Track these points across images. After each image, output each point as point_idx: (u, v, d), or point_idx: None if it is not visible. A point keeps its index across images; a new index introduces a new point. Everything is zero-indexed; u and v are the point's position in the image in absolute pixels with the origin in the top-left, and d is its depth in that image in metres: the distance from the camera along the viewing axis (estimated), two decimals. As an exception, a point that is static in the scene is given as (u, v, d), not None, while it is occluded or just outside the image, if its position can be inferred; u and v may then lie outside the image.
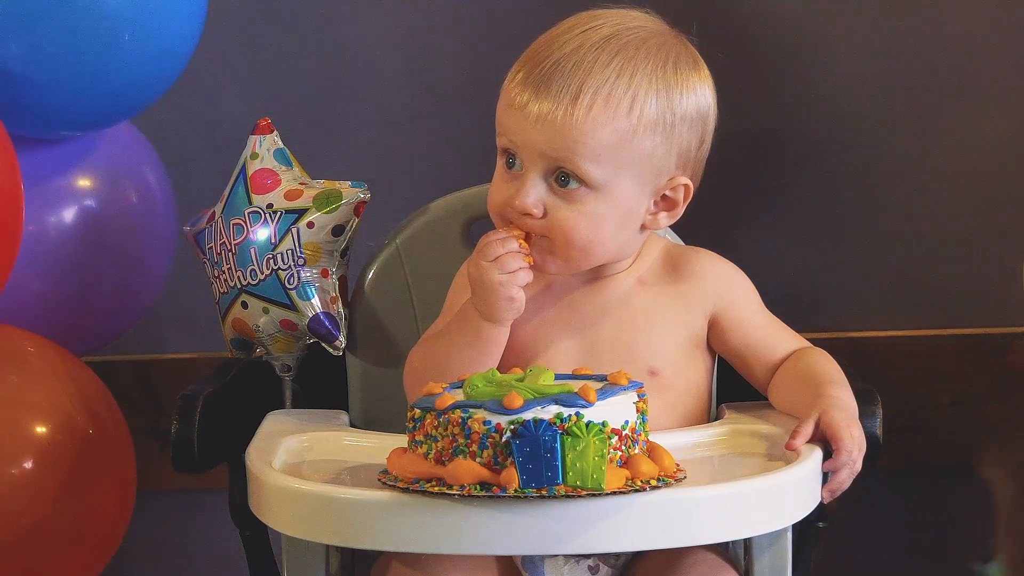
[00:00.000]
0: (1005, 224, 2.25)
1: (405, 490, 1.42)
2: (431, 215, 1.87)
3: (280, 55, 2.27)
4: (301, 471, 1.56)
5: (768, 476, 1.47)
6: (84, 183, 2.01)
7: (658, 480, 1.42)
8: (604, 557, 1.58)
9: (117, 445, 1.94)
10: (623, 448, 1.41)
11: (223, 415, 1.73)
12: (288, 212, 1.80)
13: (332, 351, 1.82)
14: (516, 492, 1.38)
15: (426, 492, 1.40)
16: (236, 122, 1.99)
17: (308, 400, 1.85)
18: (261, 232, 1.80)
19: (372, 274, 1.86)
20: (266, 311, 1.80)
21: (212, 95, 2.26)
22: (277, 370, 1.85)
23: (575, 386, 1.43)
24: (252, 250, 1.80)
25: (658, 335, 1.66)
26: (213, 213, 1.84)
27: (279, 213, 1.80)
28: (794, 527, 1.54)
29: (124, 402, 2.03)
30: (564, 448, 1.38)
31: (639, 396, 1.45)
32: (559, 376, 1.49)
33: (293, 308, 1.79)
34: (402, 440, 1.48)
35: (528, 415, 1.39)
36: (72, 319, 2.00)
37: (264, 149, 1.84)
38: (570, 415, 1.39)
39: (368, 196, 1.82)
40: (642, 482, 1.41)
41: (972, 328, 2.26)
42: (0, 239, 1.77)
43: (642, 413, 1.44)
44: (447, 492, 1.39)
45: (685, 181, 1.65)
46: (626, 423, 1.42)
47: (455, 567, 1.53)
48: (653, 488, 1.41)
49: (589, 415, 1.39)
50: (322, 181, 1.83)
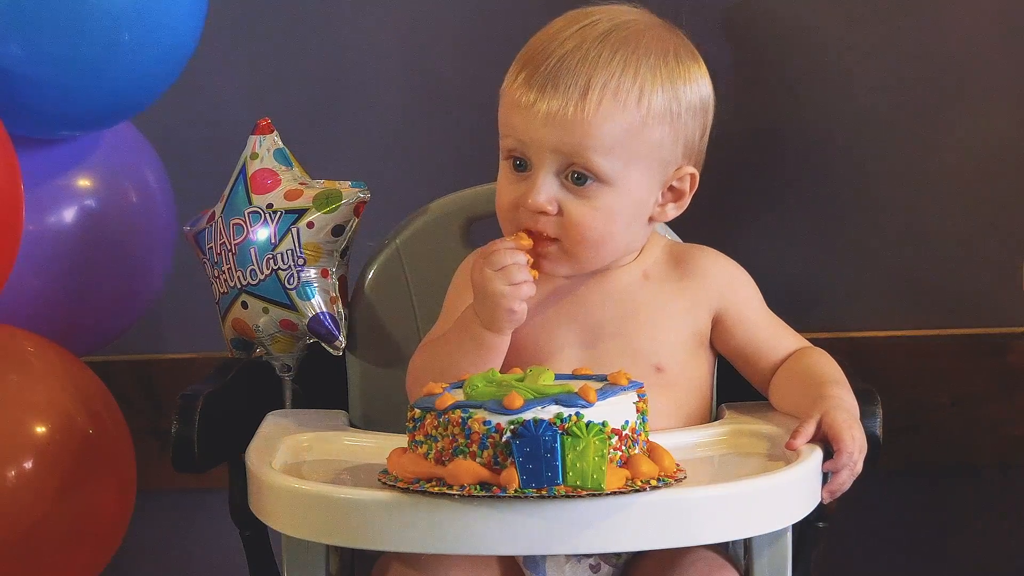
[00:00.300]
0: (1005, 224, 2.24)
1: (405, 490, 1.42)
2: (431, 215, 1.87)
3: (280, 55, 2.27)
4: (301, 471, 1.56)
5: (768, 476, 1.47)
6: (84, 183, 2.01)
7: (658, 480, 1.42)
8: (605, 556, 1.58)
9: (117, 445, 1.94)
10: (623, 448, 1.41)
11: (223, 415, 1.73)
12: (288, 212, 1.80)
13: (332, 351, 1.82)
14: (516, 492, 1.38)
15: (426, 492, 1.40)
16: (236, 122, 1.99)
17: (308, 400, 1.85)
18: (261, 232, 1.80)
19: (372, 274, 1.86)
20: (266, 311, 1.80)
21: (212, 95, 2.26)
22: (277, 370, 1.85)
23: (575, 386, 1.43)
24: (252, 250, 1.80)
25: (664, 331, 1.66)
26: (213, 213, 1.84)
27: (279, 213, 1.80)
28: (794, 527, 1.54)
29: (124, 402, 2.03)
30: (564, 448, 1.38)
31: (639, 396, 1.45)
32: (559, 376, 1.49)
33: (293, 308, 1.79)
34: (402, 440, 1.48)
35: (528, 415, 1.39)
36: (72, 319, 2.00)
37: (264, 149, 1.84)
38: (570, 415, 1.39)
39: (368, 196, 1.82)
40: (642, 482, 1.41)
41: (972, 328, 2.26)
42: (0, 239, 1.77)
43: (642, 413, 1.44)
44: (447, 492, 1.39)
45: (692, 170, 1.66)
46: (626, 423, 1.42)
47: (456, 566, 1.53)
48: (653, 488, 1.41)
49: (589, 415, 1.39)
50: (322, 181, 1.83)
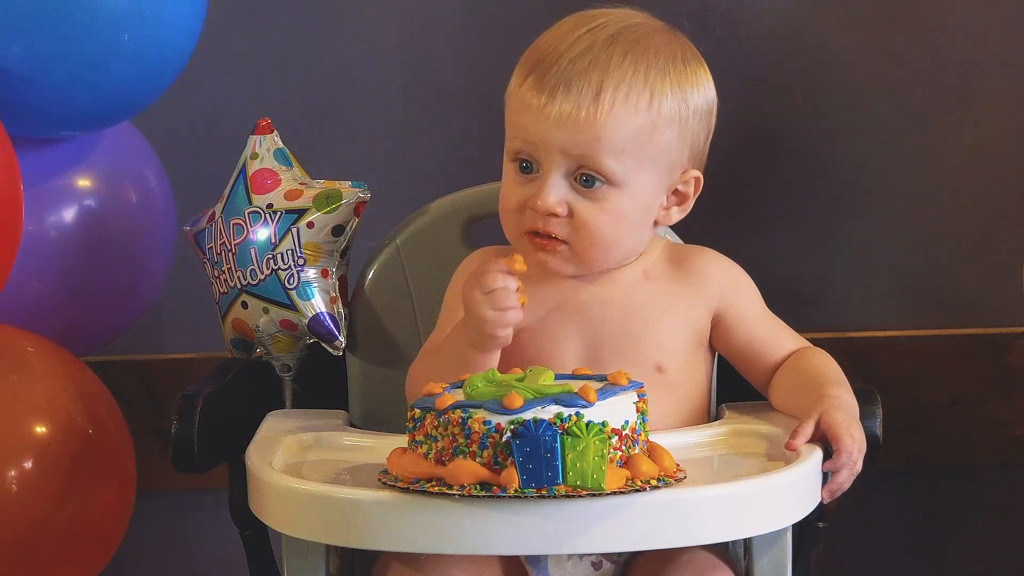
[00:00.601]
0: (1005, 224, 2.25)
1: (405, 490, 1.42)
2: (431, 215, 1.87)
3: (280, 55, 2.27)
4: (301, 471, 1.56)
5: (768, 476, 1.47)
6: (84, 183, 2.01)
7: (658, 480, 1.42)
8: (607, 553, 1.58)
9: (117, 445, 1.93)
10: (623, 448, 1.41)
11: (223, 415, 1.73)
12: (288, 212, 1.80)
13: (332, 351, 1.82)
14: (516, 492, 1.38)
15: (426, 492, 1.40)
16: (236, 122, 1.99)
17: (308, 400, 1.85)
18: (261, 232, 1.80)
19: (372, 274, 1.86)
20: (266, 311, 1.80)
21: (212, 95, 2.26)
22: (277, 370, 1.85)
23: (575, 386, 1.43)
24: (252, 250, 1.80)
25: (664, 331, 1.66)
26: (213, 213, 1.84)
27: (279, 213, 1.80)
28: (794, 527, 1.54)
29: (124, 402, 2.02)
30: (564, 448, 1.38)
31: (639, 396, 1.45)
32: (559, 376, 1.49)
33: (293, 308, 1.79)
34: (402, 440, 1.48)
35: (528, 415, 1.39)
36: (72, 319, 2.00)
37: (264, 149, 1.84)
38: (570, 415, 1.39)
39: (368, 196, 1.82)
40: (642, 482, 1.41)
41: (972, 328, 2.26)
42: (0, 239, 1.77)
43: (642, 413, 1.44)
44: (447, 492, 1.39)
45: (697, 174, 1.66)
46: (626, 423, 1.42)
47: (458, 566, 1.53)
48: (653, 488, 1.41)
49: (589, 415, 1.39)
50: (322, 181, 1.83)
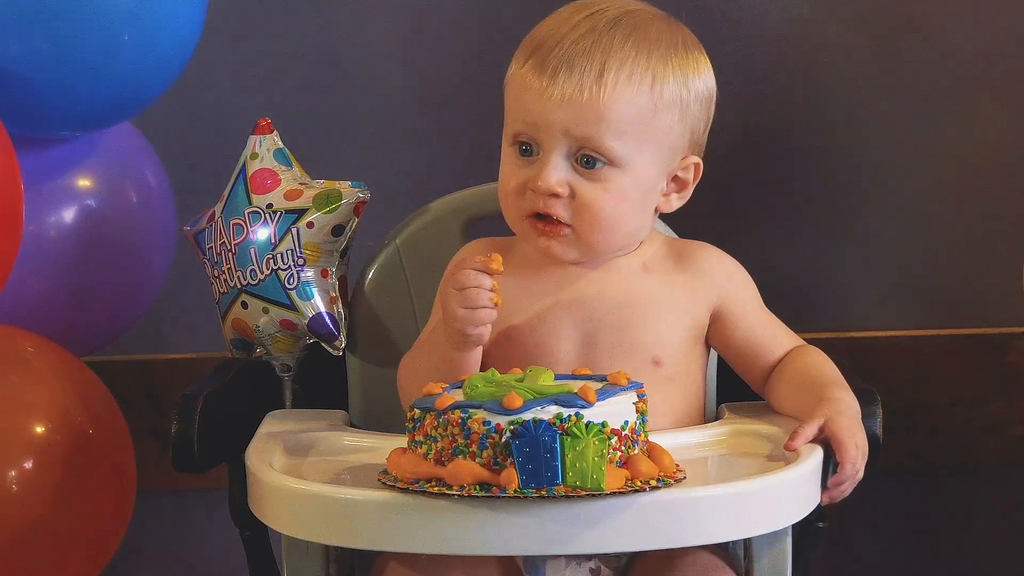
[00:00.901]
0: (1005, 224, 2.25)
1: (405, 490, 1.42)
2: (431, 215, 1.87)
3: (280, 55, 2.27)
4: (301, 471, 1.56)
5: (768, 476, 1.47)
6: (84, 183, 2.01)
7: (658, 480, 1.42)
8: (605, 559, 1.57)
9: (117, 445, 1.93)
10: (623, 448, 1.41)
11: (223, 415, 1.73)
12: (288, 212, 1.80)
13: (332, 351, 1.82)
14: (516, 492, 1.38)
15: (426, 492, 1.40)
16: (236, 122, 1.99)
17: (308, 400, 1.85)
18: (261, 232, 1.80)
19: (372, 274, 1.86)
20: (266, 311, 1.80)
21: (212, 95, 2.26)
22: (277, 370, 1.85)
23: (575, 386, 1.43)
24: (252, 250, 1.80)
25: (662, 324, 1.66)
26: (213, 213, 1.84)
27: (279, 213, 1.80)
28: (794, 527, 1.54)
29: (124, 402, 2.02)
30: (564, 448, 1.38)
31: (639, 396, 1.45)
32: (559, 376, 1.49)
33: (293, 308, 1.79)
34: (402, 440, 1.48)
35: (528, 415, 1.39)
36: (72, 319, 2.00)
37: (264, 149, 1.84)
38: (570, 415, 1.39)
39: (368, 196, 1.82)
40: (642, 482, 1.41)
41: (972, 328, 2.26)
42: (0, 239, 1.77)
43: (642, 414, 1.44)
44: (447, 492, 1.40)
45: (697, 160, 1.67)
46: (626, 423, 1.42)
47: (455, 567, 1.53)
48: (653, 488, 1.41)
49: (589, 415, 1.39)
50: (322, 181, 1.83)
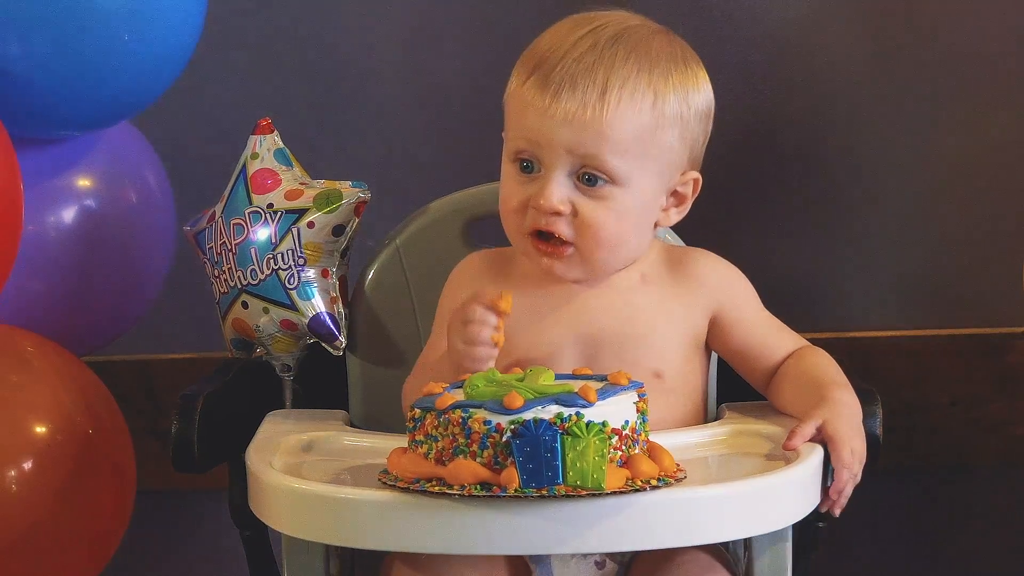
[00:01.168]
0: (1005, 224, 2.25)
1: (405, 490, 1.42)
2: (431, 215, 1.87)
3: (280, 55, 2.27)
4: (301, 471, 1.55)
5: (768, 476, 1.47)
6: (84, 183, 2.01)
7: (658, 480, 1.42)
8: (610, 553, 1.58)
9: (117, 445, 1.93)
10: (623, 448, 1.41)
11: (223, 415, 1.73)
12: (288, 212, 1.80)
13: (332, 351, 1.82)
14: (516, 492, 1.38)
15: (426, 492, 1.40)
16: (236, 122, 1.99)
17: (308, 400, 1.85)
18: (261, 232, 1.80)
19: (372, 274, 1.86)
20: (266, 311, 1.80)
21: (212, 95, 2.26)
22: (277, 370, 1.85)
23: (575, 386, 1.43)
24: (252, 250, 1.80)
25: (662, 337, 1.66)
26: (213, 213, 1.84)
27: (279, 213, 1.80)
28: (794, 527, 1.54)
29: (124, 402, 2.02)
30: (564, 448, 1.38)
31: (639, 396, 1.45)
32: (559, 376, 1.49)
33: (293, 308, 1.79)
34: (402, 440, 1.48)
35: (528, 415, 1.39)
36: (72, 319, 2.00)
37: (264, 149, 1.84)
38: (570, 415, 1.39)
39: (368, 196, 1.82)
40: (642, 482, 1.41)
41: (972, 328, 2.26)
42: (0, 239, 1.77)
43: (642, 413, 1.44)
44: (447, 492, 1.39)
45: (696, 175, 1.67)
46: (626, 423, 1.42)
47: (464, 565, 1.52)
48: (653, 488, 1.41)
49: (589, 415, 1.39)
50: (322, 181, 1.83)
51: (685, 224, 1.73)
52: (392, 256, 1.86)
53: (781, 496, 1.47)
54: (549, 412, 1.39)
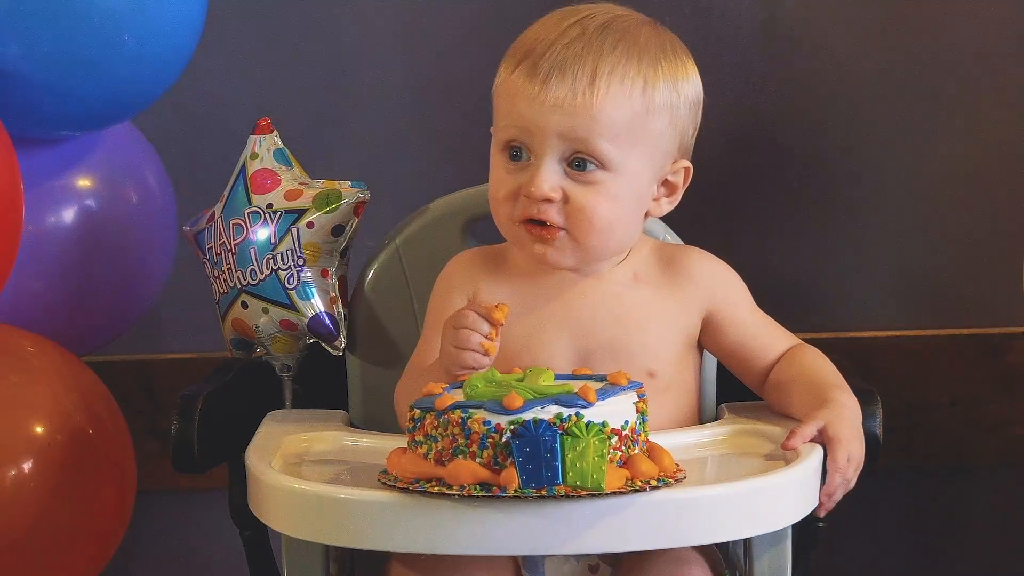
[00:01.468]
0: (1005, 224, 2.25)
1: (405, 490, 1.42)
2: (431, 215, 1.87)
3: (280, 54, 2.27)
4: (301, 471, 1.56)
5: (767, 476, 1.47)
6: (84, 183, 2.01)
7: (658, 480, 1.42)
8: (604, 556, 1.58)
9: (117, 445, 1.93)
10: (623, 448, 1.41)
11: (223, 415, 1.73)
12: (288, 212, 1.80)
13: (332, 351, 1.82)
14: (516, 492, 1.38)
15: (426, 492, 1.40)
16: (236, 122, 1.99)
17: (308, 400, 1.85)
18: (261, 232, 1.80)
19: (372, 274, 1.86)
20: (266, 311, 1.80)
21: (212, 95, 2.26)
22: (277, 370, 1.85)
23: (575, 386, 1.43)
24: (252, 250, 1.80)
25: (656, 337, 1.66)
26: (213, 213, 1.84)
27: (279, 213, 1.80)
28: (794, 527, 1.54)
29: (124, 402, 2.03)
30: (564, 448, 1.38)
31: (639, 396, 1.45)
32: (559, 376, 1.49)
33: (293, 308, 1.79)
34: (402, 440, 1.48)
35: (528, 415, 1.39)
36: (72, 319, 2.00)
37: (264, 149, 1.84)
38: (570, 415, 1.39)
39: (368, 196, 1.82)
40: (642, 482, 1.41)
41: (972, 328, 2.27)
42: (0, 239, 1.77)
43: (642, 413, 1.44)
44: (447, 492, 1.39)
45: (687, 164, 1.66)
46: (626, 423, 1.42)
47: (458, 567, 1.53)
48: (653, 488, 1.41)
49: (589, 415, 1.39)
50: (322, 181, 1.83)
51: (685, 223, 1.74)
52: (392, 256, 1.86)
53: (781, 496, 1.47)
54: (549, 412, 1.39)
